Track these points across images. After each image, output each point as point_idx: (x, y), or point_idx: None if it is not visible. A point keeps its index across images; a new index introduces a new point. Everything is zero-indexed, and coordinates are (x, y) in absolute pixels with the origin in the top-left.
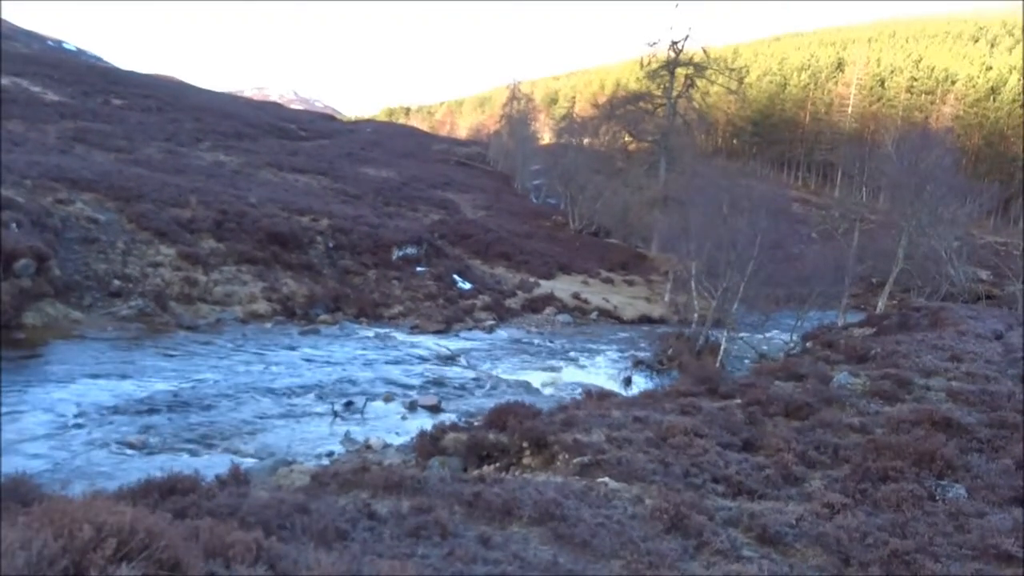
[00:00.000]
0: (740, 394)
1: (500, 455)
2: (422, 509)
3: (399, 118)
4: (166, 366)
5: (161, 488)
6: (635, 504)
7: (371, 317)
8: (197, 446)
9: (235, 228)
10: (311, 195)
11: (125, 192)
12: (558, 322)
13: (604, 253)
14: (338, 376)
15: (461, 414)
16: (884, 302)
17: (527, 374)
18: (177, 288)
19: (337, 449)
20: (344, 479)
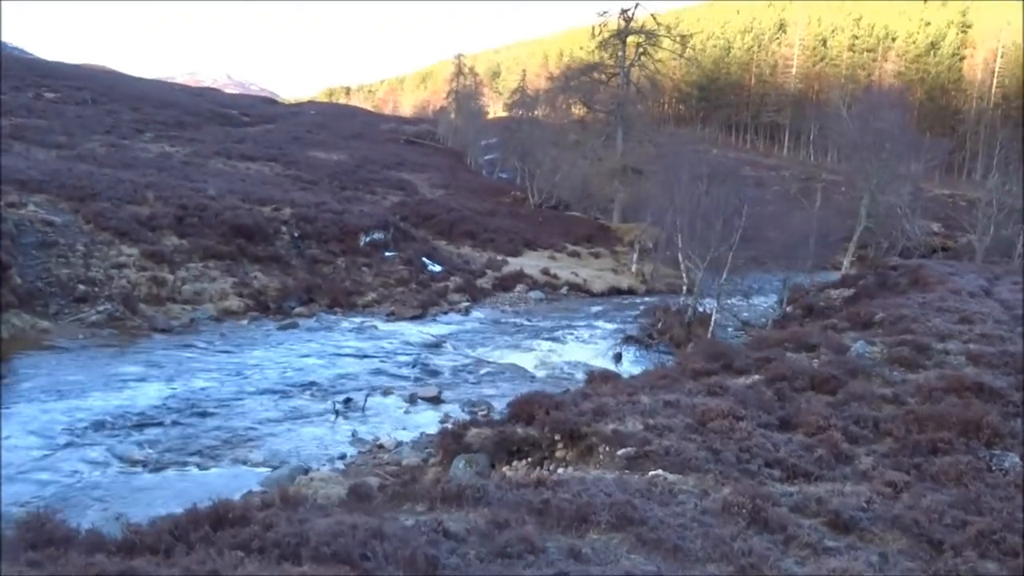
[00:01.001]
0: (756, 369)
1: (530, 450)
2: (499, 523)
3: (339, 98)
4: (148, 373)
5: (210, 519)
6: (701, 498)
7: (345, 306)
8: (203, 458)
9: (197, 223)
10: (268, 183)
11: (78, 191)
12: (531, 299)
13: (568, 227)
14: (329, 372)
15: (463, 404)
16: (848, 261)
17: (515, 356)
18: (145, 289)
19: (348, 451)
20: (393, 491)
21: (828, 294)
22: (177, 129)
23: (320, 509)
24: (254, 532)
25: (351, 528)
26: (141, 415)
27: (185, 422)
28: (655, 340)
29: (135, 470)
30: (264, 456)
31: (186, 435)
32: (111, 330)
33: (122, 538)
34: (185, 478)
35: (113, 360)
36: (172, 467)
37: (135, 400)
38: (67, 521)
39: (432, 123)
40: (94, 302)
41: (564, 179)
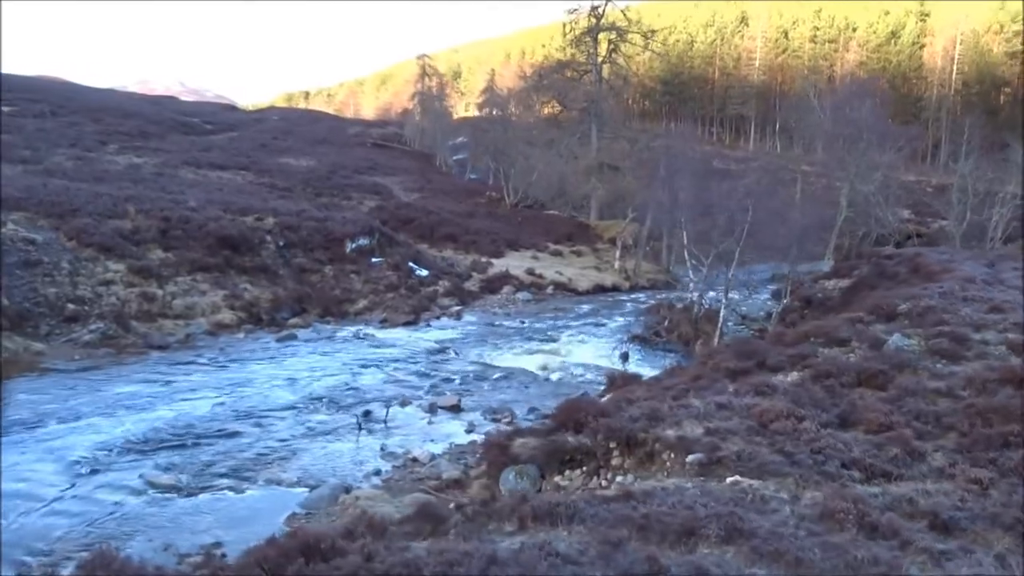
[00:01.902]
0: (791, 366)
1: (584, 459)
2: (612, 543)
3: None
4: (156, 394)
5: (301, 550)
6: (793, 503)
7: (337, 315)
8: (235, 480)
9: (182, 235)
10: (245, 193)
11: (57, 207)
12: (518, 300)
13: (548, 226)
14: (338, 384)
15: (484, 412)
16: (831, 251)
17: (520, 359)
18: (135, 305)
19: (381, 466)
20: (474, 510)
21: (823, 285)
22: (141, 140)
23: (407, 535)
24: (357, 564)
25: (465, 556)
26: (160, 438)
27: (206, 443)
28: (663, 338)
29: (168, 496)
30: (297, 475)
31: (211, 456)
32: (107, 350)
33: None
34: (222, 501)
35: (115, 381)
36: (206, 491)
37: (150, 422)
38: (132, 558)
39: (398, 125)
40: (85, 321)
41: (540, 178)
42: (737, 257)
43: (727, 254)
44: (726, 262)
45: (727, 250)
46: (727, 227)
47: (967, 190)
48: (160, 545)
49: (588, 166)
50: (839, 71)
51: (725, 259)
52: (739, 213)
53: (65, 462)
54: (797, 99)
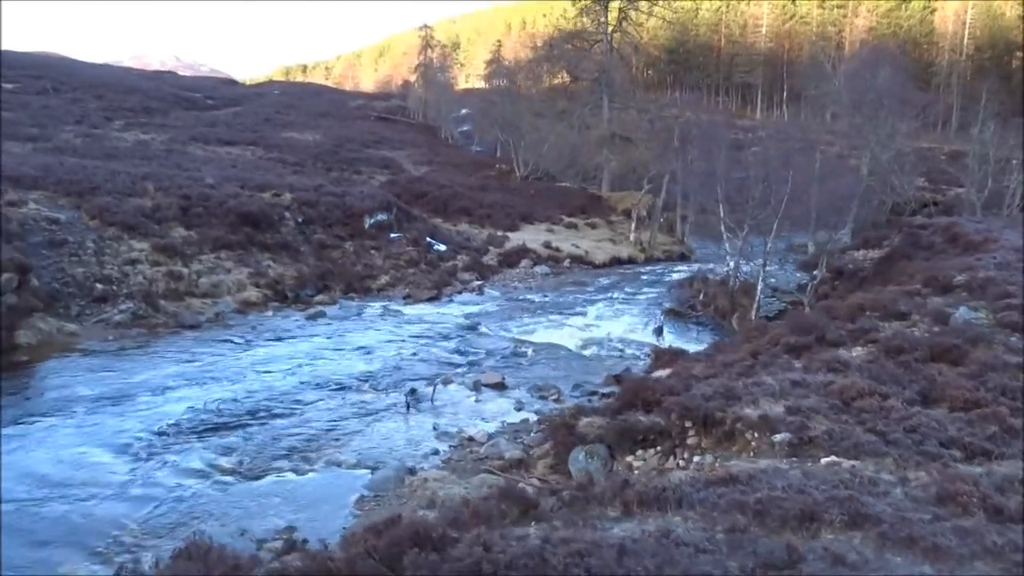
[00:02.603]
0: (852, 341)
1: (658, 438)
2: (739, 529)
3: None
4: (196, 374)
5: (411, 539)
6: (901, 485)
7: (359, 291)
8: (295, 462)
9: (203, 213)
10: (260, 168)
11: (76, 186)
12: (537, 274)
13: (561, 198)
14: (378, 362)
15: (529, 389)
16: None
17: (552, 334)
18: (162, 284)
19: (438, 446)
20: (571, 495)
21: (852, 256)
22: (145, 115)
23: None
24: (478, 555)
25: (594, 546)
26: (210, 419)
27: (257, 424)
28: (699, 312)
29: (231, 479)
30: (356, 456)
31: (264, 438)
32: (139, 329)
33: (307, 564)
34: (285, 484)
35: (154, 362)
36: (268, 474)
37: (197, 404)
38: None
39: (400, 98)
40: (115, 301)
41: (551, 150)
42: (775, 228)
43: (764, 225)
44: (763, 233)
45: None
46: (762, 197)
47: (988, 157)
48: (235, 530)
49: (600, 137)
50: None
51: (763, 230)
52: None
53: (118, 445)
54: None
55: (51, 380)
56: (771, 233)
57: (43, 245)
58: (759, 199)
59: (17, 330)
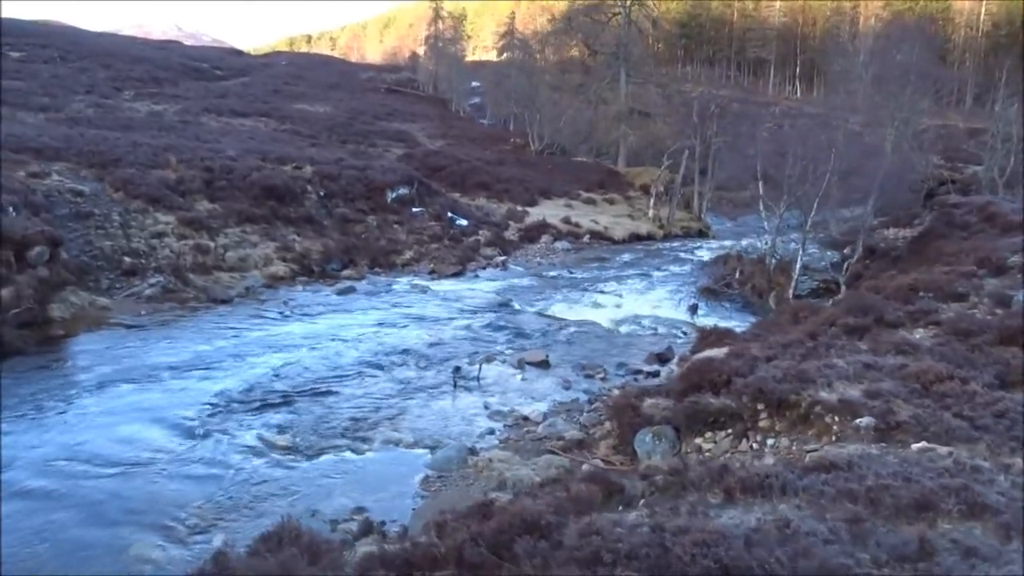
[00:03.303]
0: (912, 322)
1: (728, 421)
2: (855, 519)
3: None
4: (233, 348)
5: (518, 526)
6: (1003, 472)
7: (384, 266)
8: (351, 440)
9: (227, 186)
10: (278, 141)
11: (98, 157)
12: (558, 250)
13: (578, 173)
14: (416, 338)
15: (574, 367)
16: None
17: (584, 311)
18: (190, 258)
19: (493, 425)
20: (665, 480)
21: (883, 234)
22: (154, 86)
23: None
24: (597, 544)
25: (719, 535)
26: (257, 396)
27: (305, 401)
28: (736, 290)
29: (289, 457)
30: (412, 435)
31: (316, 416)
32: (170, 304)
33: (405, 549)
34: (345, 463)
35: (190, 337)
36: (326, 453)
37: (240, 380)
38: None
39: (410, 70)
40: (143, 275)
41: (567, 124)
42: (816, 207)
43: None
44: (803, 211)
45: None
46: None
47: (1011, 135)
48: (305, 510)
49: (618, 111)
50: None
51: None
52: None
53: (170, 422)
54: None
55: (88, 355)
56: (811, 211)
57: (69, 217)
58: (798, 176)
59: (50, 304)
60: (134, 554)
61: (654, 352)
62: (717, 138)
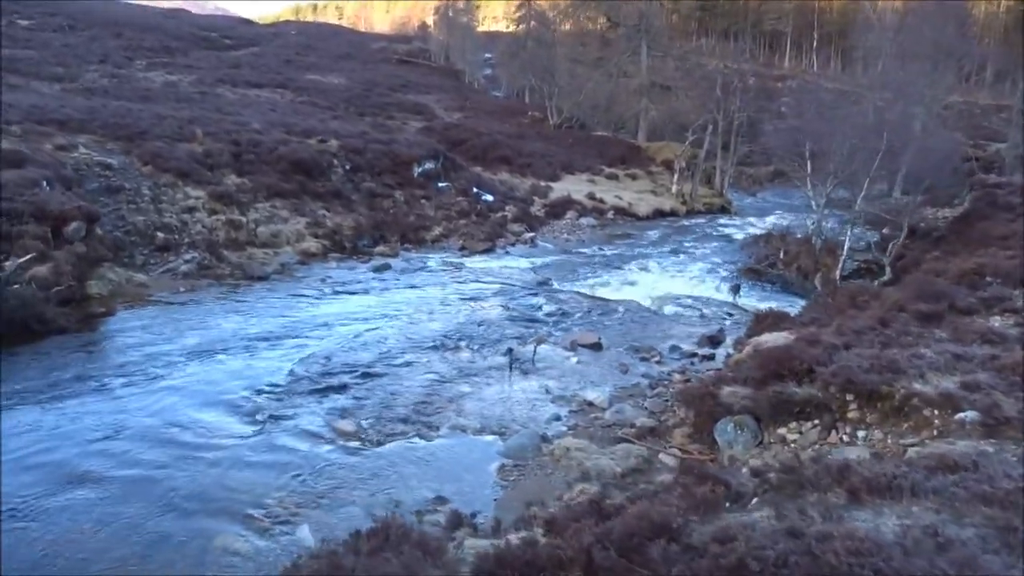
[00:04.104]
0: (986, 310)
1: (814, 411)
2: (1007, 527)
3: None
4: (278, 327)
5: (655, 530)
6: None
7: (413, 242)
8: (416, 426)
9: (254, 159)
10: (299, 114)
11: (124, 130)
12: (584, 226)
13: (599, 148)
14: (461, 318)
15: (627, 349)
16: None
17: (624, 291)
18: (223, 234)
19: (558, 411)
20: (779, 479)
21: (921, 213)
22: (166, 55)
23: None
24: (741, 550)
25: (871, 544)
26: (312, 378)
27: (361, 384)
28: (781, 271)
29: (355, 444)
30: (478, 421)
31: (375, 400)
32: (207, 280)
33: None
34: (416, 450)
35: (231, 315)
36: (392, 439)
37: (293, 361)
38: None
39: (421, 40)
40: (177, 250)
41: (587, 98)
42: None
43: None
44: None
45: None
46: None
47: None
48: (387, 500)
49: (640, 85)
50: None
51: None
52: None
53: (227, 405)
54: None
55: (132, 333)
56: (862, 190)
57: (100, 192)
58: (846, 155)
59: (88, 280)
60: (219, 546)
61: (705, 334)
62: (740, 113)
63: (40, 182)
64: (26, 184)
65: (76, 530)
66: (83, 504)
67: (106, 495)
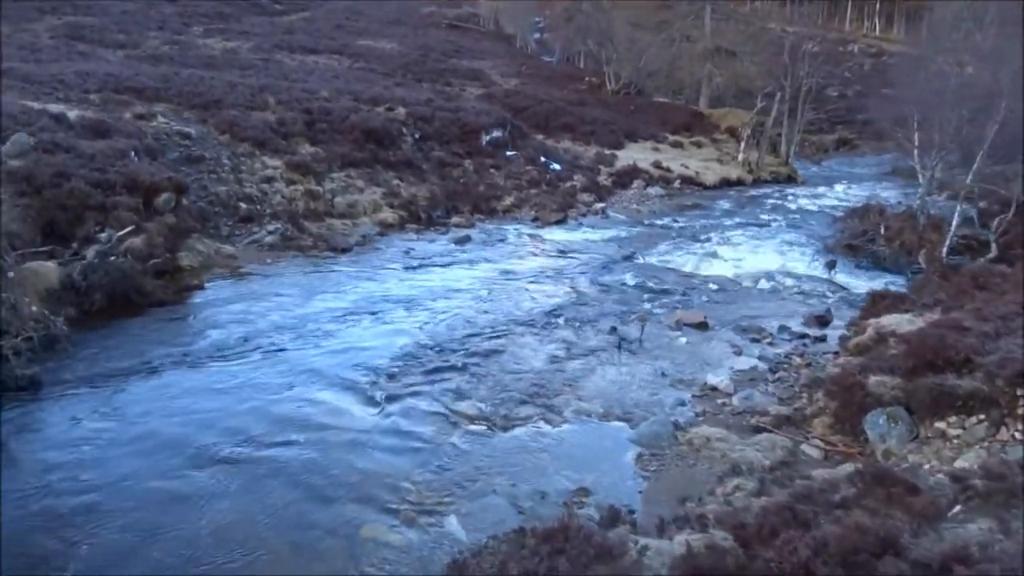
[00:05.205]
0: None
1: (978, 406)
2: None
3: None
4: (371, 303)
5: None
6: None
7: (485, 212)
8: (540, 410)
9: (327, 128)
10: (361, 81)
11: (198, 98)
12: (652, 196)
13: (662, 115)
14: (554, 295)
15: (735, 329)
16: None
17: (712, 266)
18: (302, 204)
19: (679, 395)
20: (987, 486)
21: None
22: (220, 21)
23: None
24: (980, 572)
25: None
26: (420, 356)
27: (468, 364)
28: (884, 246)
29: (481, 428)
30: (602, 406)
31: (490, 381)
32: (292, 252)
33: (722, 559)
34: (543, 436)
35: (324, 288)
36: (518, 424)
37: (396, 338)
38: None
39: (471, 4)
40: (260, 221)
41: (647, 63)
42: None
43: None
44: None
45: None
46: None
47: None
48: (531, 491)
49: (704, 50)
50: None
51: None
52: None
53: (341, 384)
54: None
55: (229, 306)
56: (975, 162)
57: (181, 161)
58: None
59: (179, 252)
60: (367, 536)
61: (812, 314)
62: (808, 79)
63: (128, 152)
64: (116, 154)
65: (231, 511)
66: (220, 487)
67: (242, 478)
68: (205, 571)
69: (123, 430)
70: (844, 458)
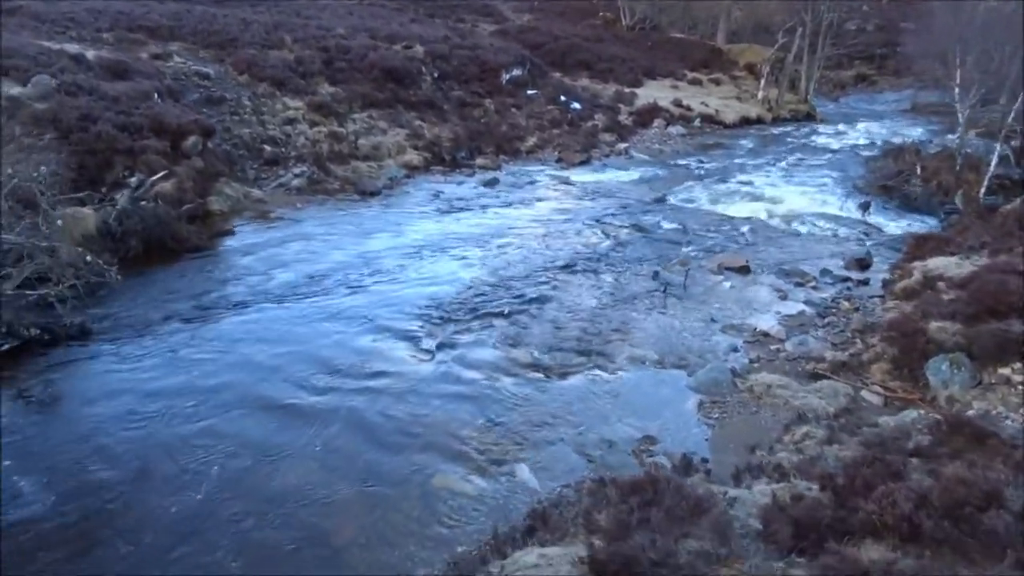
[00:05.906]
0: None
1: None
2: None
3: None
4: (408, 246)
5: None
6: None
7: (508, 153)
8: (593, 358)
9: (346, 67)
10: (377, 18)
11: (213, 36)
12: (673, 135)
13: (680, 51)
14: (592, 238)
15: (777, 273)
16: None
17: (741, 207)
18: (326, 147)
19: (731, 341)
20: None
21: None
22: None
23: None
24: None
25: None
26: (468, 303)
27: (516, 310)
28: (919, 187)
29: (538, 376)
30: (656, 352)
31: (541, 328)
32: (320, 195)
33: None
34: (601, 383)
35: (359, 233)
36: (574, 371)
37: (440, 284)
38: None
39: None
40: (285, 164)
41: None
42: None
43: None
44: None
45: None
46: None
47: None
48: (598, 440)
49: None
50: None
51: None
52: None
53: (392, 331)
54: None
55: (266, 251)
56: (1017, 100)
57: (201, 103)
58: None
59: (209, 196)
60: (440, 486)
61: (853, 257)
62: (829, 14)
63: (152, 94)
64: (139, 96)
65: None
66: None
67: (309, 426)
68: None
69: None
70: (905, 404)
